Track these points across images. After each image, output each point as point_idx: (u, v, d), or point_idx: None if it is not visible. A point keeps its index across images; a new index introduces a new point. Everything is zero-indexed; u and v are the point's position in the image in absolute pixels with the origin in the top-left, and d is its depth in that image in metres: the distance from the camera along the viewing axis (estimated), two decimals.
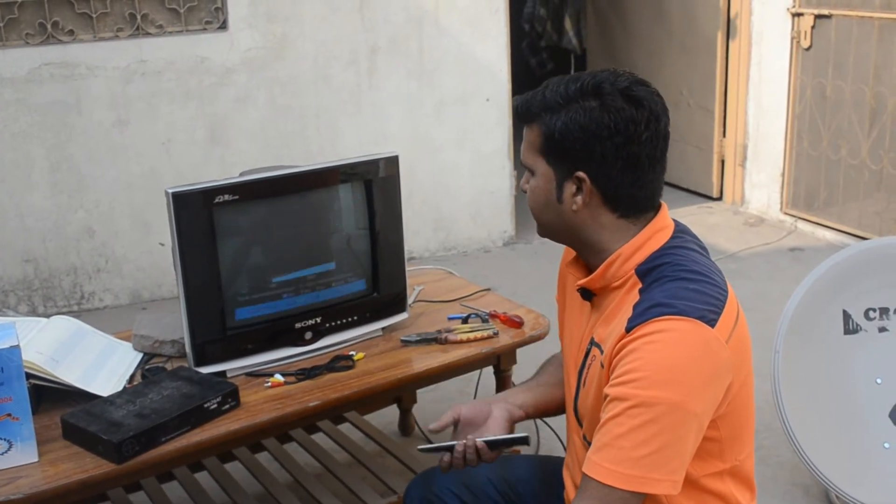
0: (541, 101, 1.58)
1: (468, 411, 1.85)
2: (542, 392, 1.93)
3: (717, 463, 1.57)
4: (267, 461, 2.74)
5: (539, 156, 1.60)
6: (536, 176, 1.62)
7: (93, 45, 4.28)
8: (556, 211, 1.61)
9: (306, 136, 4.72)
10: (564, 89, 1.56)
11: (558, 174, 1.58)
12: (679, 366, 1.43)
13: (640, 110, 1.54)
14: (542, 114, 1.57)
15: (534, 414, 1.94)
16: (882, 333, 2.67)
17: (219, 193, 2.19)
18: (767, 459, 2.99)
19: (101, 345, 2.38)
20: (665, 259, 1.56)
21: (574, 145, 1.54)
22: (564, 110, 1.54)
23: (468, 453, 1.78)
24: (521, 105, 1.62)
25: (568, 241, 1.68)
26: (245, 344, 2.29)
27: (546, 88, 1.59)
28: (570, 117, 1.54)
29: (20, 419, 1.89)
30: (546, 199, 1.62)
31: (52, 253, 4.42)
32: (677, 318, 1.45)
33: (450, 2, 4.85)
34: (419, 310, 2.66)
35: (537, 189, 1.62)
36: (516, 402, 1.90)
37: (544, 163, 1.60)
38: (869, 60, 4.69)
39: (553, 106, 1.56)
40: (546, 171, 1.60)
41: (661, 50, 6.08)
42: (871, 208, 4.84)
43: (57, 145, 4.32)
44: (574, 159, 1.55)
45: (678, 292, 1.49)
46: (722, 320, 1.48)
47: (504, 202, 5.21)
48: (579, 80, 1.56)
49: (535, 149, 1.60)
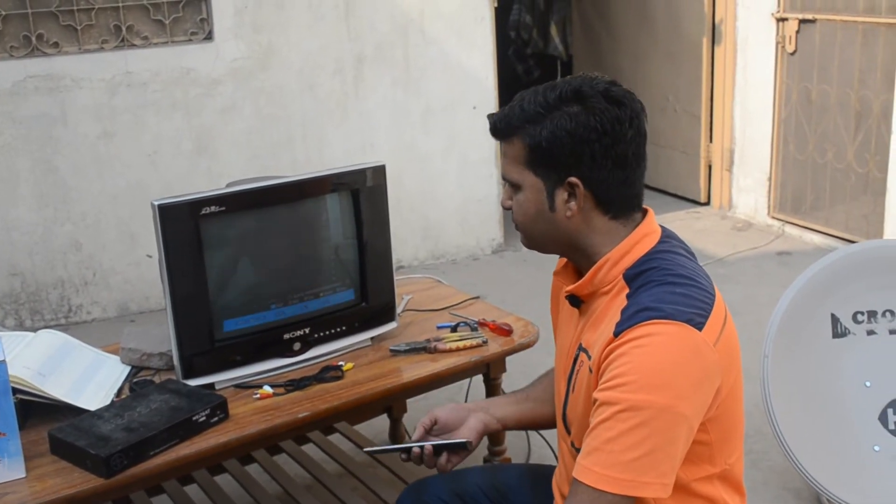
0: (520, 114, 1.57)
1: (445, 415, 1.87)
2: (530, 407, 1.94)
3: (707, 467, 1.57)
4: (257, 473, 2.73)
5: (525, 168, 1.59)
6: (524, 189, 1.61)
7: (78, 57, 4.27)
8: (549, 220, 1.60)
9: (293, 145, 4.72)
10: (543, 98, 1.55)
11: (548, 183, 1.58)
12: (668, 369, 1.43)
13: (623, 109, 1.55)
14: (524, 126, 1.56)
15: (514, 427, 1.95)
16: (870, 336, 2.67)
17: (205, 205, 2.18)
18: (758, 464, 2.99)
19: (89, 358, 2.37)
20: (652, 263, 1.56)
21: (563, 152, 1.54)
22: (548, 119, 1.54)
23: (424, 456, 1.81)
24: (499, 121, 1.61)
25: (560, 249, 1.67)
26: (233, 355, 2.28)
27: (522, 101, 1.58)
28: (555, 125, 1.53)
29: (7, 434, 1.87)
30: (537, 211, 1.61)
31: (39, 266, 4.40)
32: (665, 322, 1.45)
33: (435, 10, 4.85)
34: (408, 319, 2.66)
35: (526, 202, 1.61)
36: (497, 413, 1.90)
37: (531, 175, 1.59)
38: (853, 64, 4.71)
39: (534, 117, 1.55)
40: (534, 182, 1.59)
41: (646, 56, 6.09)
42: (857, 211, 4.85)
43: (42, 158, 4.30)
44: (564, 166, 1.55)
45: (666, 296, 1.49)
46: (710, 324, 1.48)
47: (492, 210, 5.21)
48: (556, 88, 1.56)
49: (520, 162, 1.59)
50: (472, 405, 1.92)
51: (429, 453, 1.80)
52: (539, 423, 1.96)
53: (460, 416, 1.87)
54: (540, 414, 1.94)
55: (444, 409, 1.88)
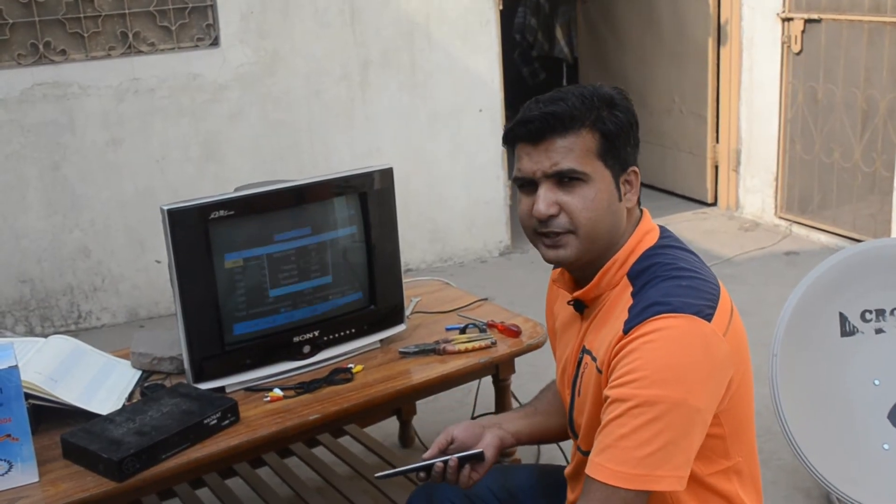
0: (582, 105, 1.56)
1: (461, 434, 1.81)
2: (539, 421, 1.93)
3: (721, 461, 1.57)
4: (268, 476, 2.74)
5: (596, 159, 1.57)
6: (594, 181, 1.56)
7: (85, 64, 4.29)
8: (616, 212, 1.60)
9: (300, 150, 4.73)
10: (590, 94, 1.58)
11: (615, 173, 1.59)
12: (679, 363, 1.43)
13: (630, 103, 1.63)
14: (592, 115, 1.56)
15: (527, 441, 1.93)
16: (879, 335, 2.67)
17: (214, 209, 2.19)
18: (768, 463, 2.99)
19: (100, 363, 2.38)
20: (655, 259, 1.58)
21: (628, 140, 1.59)
22: (606, 110, 1.57)
23: (447, 471, 1.74)
24: (562, 113, 1.55)
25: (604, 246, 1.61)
26: (243, 359, 2.29)
27: (567, 98, 1.57)
28: (614, 114, 1.57)
29: (20, 439, 1.88)
30: (609, 202, 1.58)
31: (48, 273, 4.42)
32: (674, 316, 1.46)
33: (441, 14, 4.86)
34: (417, 321, 2.66)
35: (599, 194, 1.57)
36: (510, 428, 1.88)
37: (602, 165, 1.57)
38: (859, 64, 4.70)
39: (599, 106, 1.57)
40: (604, 173, 1.57)
41: (652, 57, 6.09)
42: (865, 211, 4.85)
43: (51, 165, 4.32)
44: (627, 155, 1.60)
45: (672, 290, 1.50)
46: (718, 314, 1.49)
47: (499, 212, 5.22)
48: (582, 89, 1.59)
49: (592, 152, 1.56)
50: (485, 421, 1.90)
51: (454, 466, 1.73)
52: (550, 435, 1.95)
53: (475, 433, 1.82)
54: (549, 427, 1.93)
55: (459, 427, 1.83)
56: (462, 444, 1.80)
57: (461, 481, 1.75)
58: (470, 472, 1.75)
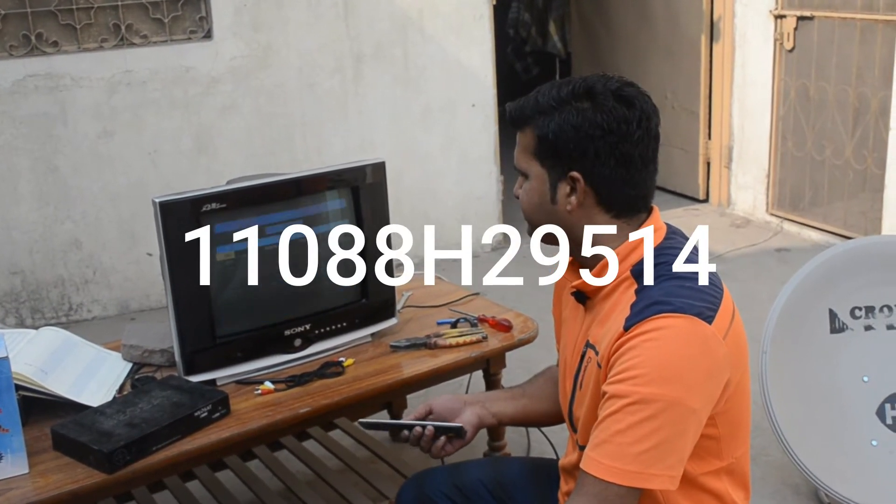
0: (533, 105, 1.60)
1: (440, 406, 1.88)
2: (525, 404, 1.95)
3: (714, 461, 1.58)
4: (258, 469, 2.74)
5: (533, 158, 1.62)
6: (530, 178, 1.64)
7: (77, 56, 4.28)
8: (550, 212, 1.63)
9: (292, 144, 4.72)
10: (556, 93, 1.58)
11: (552, 175, 1.60)
12: (677, 363, 1.44)
13: (632, 110, 1.57)
14: (535, 117, 1.60)
15: (508, 423, 1.98)
16: (868, 332, 2.68)
17: (206, 202, 2.19)
18: (757, 459, 3.00)
19: (91, 355, 2.38)
20: (660, 259, 1.57)
21: (567, 145, 1.56)
22: (557, 112, 1.57)
23: (423, 438, 1.83)
24: (514, 110, 1.64)
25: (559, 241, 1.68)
26: (234, 352, 2.29)
27: (538, 93, 1.61)
28: (563, 118, 1.56)
29: (10, 431, 1.88)
30: (540, 201, 1.63)
31: (40, 265, 4.41)
32: (675, 316, 1.46)
33: (434, 8, 4.86)
34: (408, 315, 2.67)
35: (531, 191, 1.64)
36: (492, 408, 1.91)
37: (538, 165, 1.62)
38: (851, 61, 4.72)
39: (546, 109, 1.58)
40: (539, 172, 1.62)
41: (645, 53, 6.10)
42: (856, 208, 4.86)
43: (42, 157, 4.31)
44: (568, 159, 1.58)
45: (675, 290, 1.51)
46: (719, 317, 1.50)
47: (491, 207, 5.22)
48: (571, 84, 1.59)
49: (529, 152, 1.62)
50: (469, 397, 1.93)
51: (430, 434, 1.81)
52: (534, 420, 1.98)
53: (455, 408, 1.88)
54: (535, 411, 1.95)
55: (440, 400, 1.90)
56: (439, 417, 1.87)
57: (433, 451, 1.83)
58: (444, 444, 1.83)
